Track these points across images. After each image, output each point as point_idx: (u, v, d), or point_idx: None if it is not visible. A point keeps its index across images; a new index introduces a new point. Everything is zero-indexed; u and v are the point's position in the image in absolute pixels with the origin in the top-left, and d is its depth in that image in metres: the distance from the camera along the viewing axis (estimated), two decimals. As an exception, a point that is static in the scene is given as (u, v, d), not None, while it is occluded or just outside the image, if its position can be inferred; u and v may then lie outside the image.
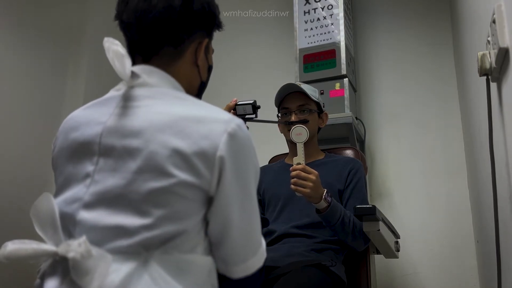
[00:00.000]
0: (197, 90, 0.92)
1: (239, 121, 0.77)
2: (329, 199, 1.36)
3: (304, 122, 1.56)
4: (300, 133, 1.43)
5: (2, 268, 1.98)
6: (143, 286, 0.68)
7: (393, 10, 2.48)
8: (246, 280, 0.80)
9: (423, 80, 2.33)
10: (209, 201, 0.76)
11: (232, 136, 0.74)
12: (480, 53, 1.07)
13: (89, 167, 0.75)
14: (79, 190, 0.75)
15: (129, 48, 0.85)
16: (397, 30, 2.45)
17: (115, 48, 0.76)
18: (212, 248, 0.79)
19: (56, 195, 0.79)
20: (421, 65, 2.36)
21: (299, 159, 1.39)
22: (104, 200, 0.72)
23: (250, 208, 0.79)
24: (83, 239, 0.66)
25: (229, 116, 0.77)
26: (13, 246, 0.70)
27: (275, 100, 1.68)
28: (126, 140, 0.74)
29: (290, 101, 1.62)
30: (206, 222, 0.77)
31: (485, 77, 1.10)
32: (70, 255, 0.66)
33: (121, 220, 0.70)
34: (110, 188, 0.72)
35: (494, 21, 0.99)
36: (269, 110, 1.70)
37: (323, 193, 1.35)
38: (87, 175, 0.75)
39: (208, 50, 0.92)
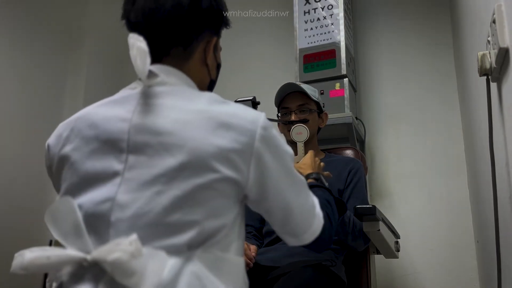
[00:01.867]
0: (207, 88, 0.92)
1: (264, 114, 0.79)
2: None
3: (304, 122, 1.56)
4: (301, 132, 1.44)
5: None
6: (190, 285, 0.67)
7: (393, 10, 2.48)
8: (319, 240, 0.86)
9: (423, 80, 2.33)
10: (243, 197, 0.78)
11: (264, 129, 0.77)
12: (480, 53, 1.07)
13: (116, 165, 0.72)
14: (108, 190, 0.71)
15: None
16: (397, 30, 2.45)
17: (139, 45, 0.74)
18: (277, 230, 0.84)
19: (72, 195, 0.74)
20: (421, 65, 2.36)
21: (299, 159, 1.39)
22: (141, 199, 0.69)
23: (299, 185, 0.83)
24: (134, 237, 0.63)
25: (255, 111, 0.79)
26: (33, 255, 0.65)
27: (275, 100, 1.67)
28: (161, 137, 0.72)
29: (290, 100, 1.62)
30: (239, 220, 0.78)
31: (485, 77, 1.10)
32: (114, 256, 0.62)
33: (163, 218, 0.68)
34: (147, 186, 0.70)
35: (494, 21, 0.99)
36: (268, 110, 1.69)
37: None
38: (115, 174, 0.72)
39: (217, 48, 0.92)
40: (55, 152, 0.81)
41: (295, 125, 1.46)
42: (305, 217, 0.84)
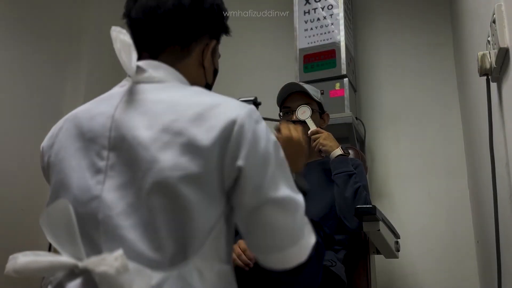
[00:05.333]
0: None
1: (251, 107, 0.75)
2: (345, 151, 1.53)
3: (305, 122, 1.56)
4: (304, 111, 1.58)
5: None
6: None
7: (393, 10, 2.48)
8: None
9: (423, 80, 2.33)
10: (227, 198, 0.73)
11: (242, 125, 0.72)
12: (480, 53, 1.07)
13: (99, 163, 0.71)
14: (93, 188, 0.70)
15: (136, 45, 0.79)
16: (397, 30, 2.45)
17: (122, 38, 0.74)
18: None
19: (59, 195, 0.74)
20: (421, 65, 2.35)
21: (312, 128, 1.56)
22: (126, 197, 0.68)
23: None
24: (120, 252, 0.62)
25: (239, 103, 0.75)
26: (25, 259, 0.65)
27: (277, 99, 1.68)
28: (137, 133, 0.70)
29: (292, 100, 1.62)
30: (226, 226, 0.74)
31: (485, 77, 1.10)
32: (101, 269, 0.62)
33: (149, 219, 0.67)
34: (131, 185, 0.68)
35: (494, 21, 0.99)
36: (269, 110, 1.69)
37: (339, 145, 1.52)
38: (98, 171, 0.71)
39: (215, 53, 0.91)
40: (47, 153, 0.82)
41: (299, 107, 1.57)
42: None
